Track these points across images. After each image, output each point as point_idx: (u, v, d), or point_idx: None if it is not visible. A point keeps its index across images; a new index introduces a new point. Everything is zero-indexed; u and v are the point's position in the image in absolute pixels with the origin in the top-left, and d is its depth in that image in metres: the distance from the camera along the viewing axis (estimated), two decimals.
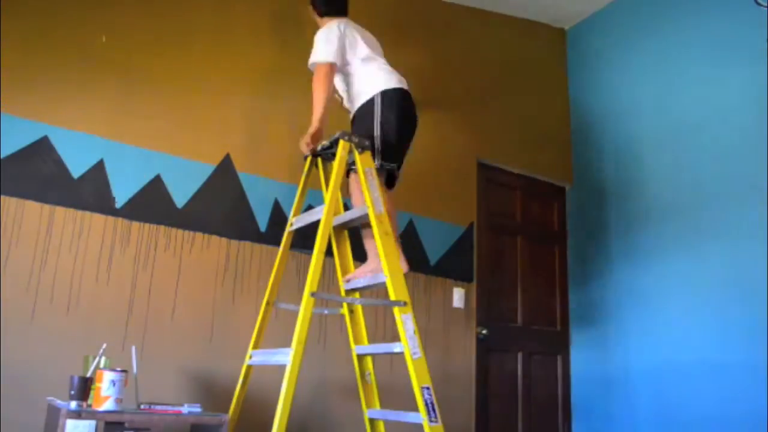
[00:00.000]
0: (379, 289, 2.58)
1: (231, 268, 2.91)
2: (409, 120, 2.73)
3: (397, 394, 2.95)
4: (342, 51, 2.70)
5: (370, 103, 2.67)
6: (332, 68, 2.65)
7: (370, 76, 2.72)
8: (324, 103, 2.62)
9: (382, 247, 2.37)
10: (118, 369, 2.05)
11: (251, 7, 3.24)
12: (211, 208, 2.91)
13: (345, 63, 2.74)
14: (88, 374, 2.11)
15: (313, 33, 2.74)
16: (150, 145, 2.83)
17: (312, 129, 2.63)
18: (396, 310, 2.30)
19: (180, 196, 2.86)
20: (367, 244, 2.70)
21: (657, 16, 3.95)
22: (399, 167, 2.72)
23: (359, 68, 2.74)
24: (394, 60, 2.84)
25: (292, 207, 2.78)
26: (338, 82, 2.86)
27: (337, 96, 2.98)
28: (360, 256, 2.88)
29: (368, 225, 2.50)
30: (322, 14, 2.89)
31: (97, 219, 2.66)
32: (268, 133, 3.14)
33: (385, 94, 2.66)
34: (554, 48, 4.50)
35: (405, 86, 2.74)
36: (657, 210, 3.69)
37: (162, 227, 2.79)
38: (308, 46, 3.36)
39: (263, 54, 3.23)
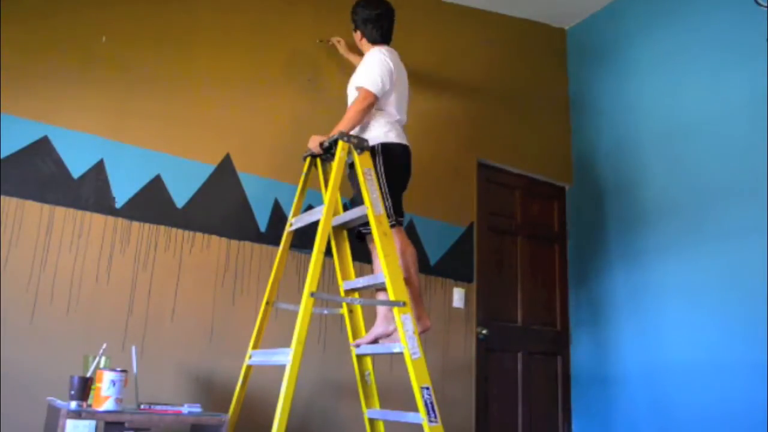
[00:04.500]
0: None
1: (231, 268, 2.91)
2: (404, 174, 2.74)
3: (396, 394, 2.95)
4: (384, 89, 2.69)
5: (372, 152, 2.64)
6: (375, 101, 2.66)
7: (379, 122, 2.71)
8: (353, 126, 2.63)
9: (382, 248, 2.37)
10: (118, 369, 2.05)
11: (251, 7, 3.24)
12: (211, 208, 2.91)
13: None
14: (88, 374, 2.11)
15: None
16: (150, 145, 2.83)
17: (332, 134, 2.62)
18: (395, 310, 2.30)
19: (180, 196, 2.86)
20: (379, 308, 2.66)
21: (657, 16, 3.95)
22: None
23: (376, 110, 2.73)
24: None
25: (291, 207, 2.79)
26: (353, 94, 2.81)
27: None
28: (359, 256, 2.89)
29: (383, 288, 2.46)
30: (371, 42, 2.88)
31: (97, 219, 2.66)
32: (268, 133, 3.14)
33: (385, 148, 2.66)
34: (554, 48, 4.50)
35: (404, 141, 2.74)
36: (657, 210, 3.69)
37: (162, 227, 2.79)
38: (309, 45, 3.37)
39: (263, 54, 3.22)
